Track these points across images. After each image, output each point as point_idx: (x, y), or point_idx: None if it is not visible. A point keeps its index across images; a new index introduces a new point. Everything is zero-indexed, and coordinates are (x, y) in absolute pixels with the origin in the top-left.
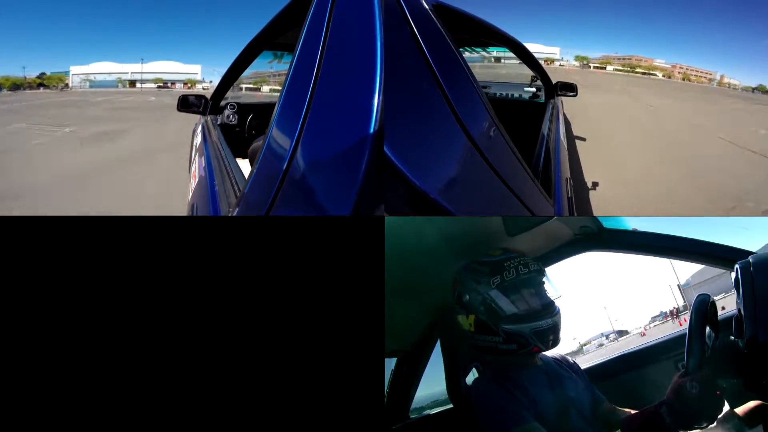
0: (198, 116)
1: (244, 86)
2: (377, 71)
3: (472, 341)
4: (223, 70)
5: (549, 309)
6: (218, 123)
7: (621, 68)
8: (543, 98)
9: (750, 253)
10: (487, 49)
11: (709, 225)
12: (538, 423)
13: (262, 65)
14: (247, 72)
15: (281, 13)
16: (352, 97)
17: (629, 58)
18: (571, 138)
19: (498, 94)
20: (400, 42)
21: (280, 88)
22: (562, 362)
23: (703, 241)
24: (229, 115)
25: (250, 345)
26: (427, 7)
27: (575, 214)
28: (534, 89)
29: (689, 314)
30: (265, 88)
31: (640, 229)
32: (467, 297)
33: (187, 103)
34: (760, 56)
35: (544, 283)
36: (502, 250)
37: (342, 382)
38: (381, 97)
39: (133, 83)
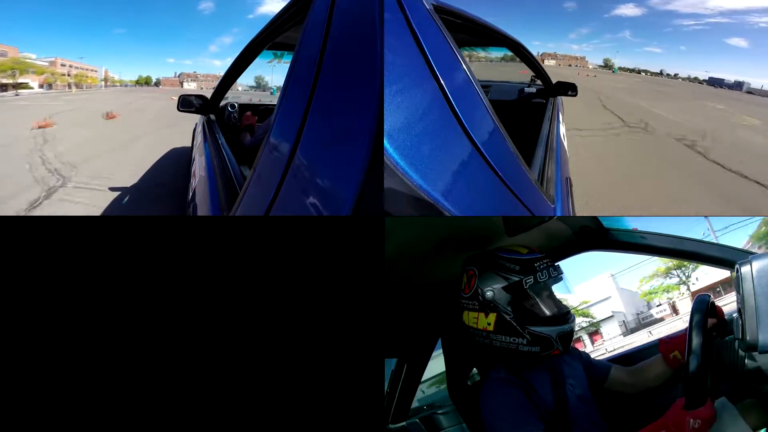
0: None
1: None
2: (377, 71)
3: (486, 340)
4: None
5: (571, 312)
6: (218, 123)
7: None
8: (543, 98)
9: (750, 253)
10: (487, 49)
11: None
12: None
13: None
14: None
15: (281, 13)
16: (352, 97)
17: None
18: None
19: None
20: (401, 42)
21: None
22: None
23: (703, 241)
24: (229, 115)
25: (249, 345)
26: (427, 7)
27: (575, 214)
28: (533, 89)
29: (689, 315)
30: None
31: (640, 229)
32: (491, 294)
33: (186, 103)
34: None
35: (567, 285)
36: (526, 248)
37: (342, 382)
38: (381, 98)
39: None
